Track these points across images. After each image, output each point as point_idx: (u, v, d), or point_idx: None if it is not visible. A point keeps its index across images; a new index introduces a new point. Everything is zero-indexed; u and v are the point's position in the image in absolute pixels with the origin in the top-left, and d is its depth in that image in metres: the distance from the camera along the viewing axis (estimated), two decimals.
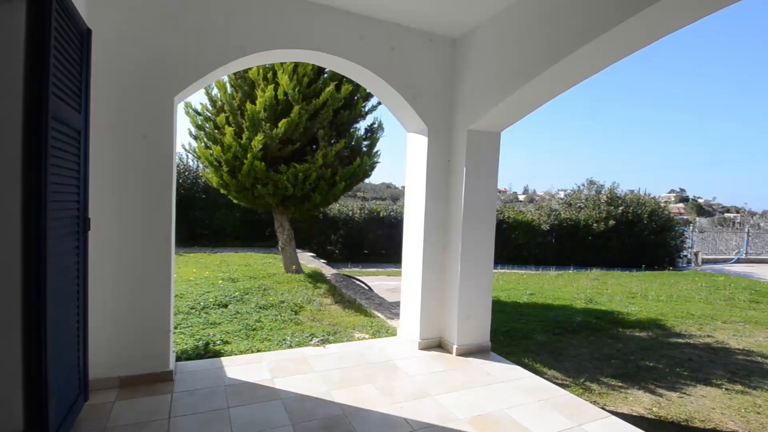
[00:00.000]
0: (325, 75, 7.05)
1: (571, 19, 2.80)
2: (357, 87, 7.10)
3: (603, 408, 3.75)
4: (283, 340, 4.56)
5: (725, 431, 3.52)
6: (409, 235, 4.33)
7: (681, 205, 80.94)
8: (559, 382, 4.35)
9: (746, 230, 19.63)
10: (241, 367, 3.66)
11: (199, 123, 7.31)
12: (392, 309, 5.89)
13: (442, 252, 4.19)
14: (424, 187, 4.08)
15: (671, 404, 3.97)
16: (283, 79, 6.55)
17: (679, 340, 5.93)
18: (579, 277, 11.08)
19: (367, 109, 7.74)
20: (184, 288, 6.61)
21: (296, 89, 6.57)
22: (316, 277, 7.77)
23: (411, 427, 2.81)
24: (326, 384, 3.41)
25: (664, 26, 2.47)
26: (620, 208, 13.93)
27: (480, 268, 4.10)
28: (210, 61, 3.28)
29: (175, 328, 4.75)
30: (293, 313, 5.65)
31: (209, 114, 7.35)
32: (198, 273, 8.10)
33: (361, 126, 9.22)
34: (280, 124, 6.48)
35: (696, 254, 15.79)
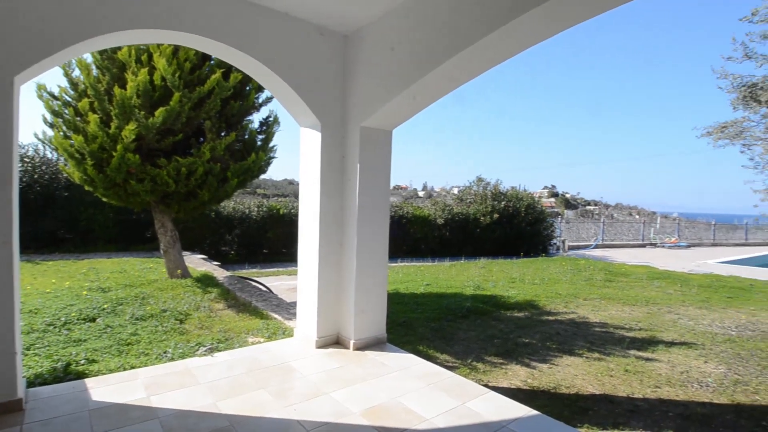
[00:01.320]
0: (212, 62, 6.52)
1: (458, 21, 2.93)
2: (249, 76, 6.71)
3: (486, 385, 4.07)
4: (164, 353, 4.12)
5: (585, 394, 4.07)
6: (305, 233, 4.22)
7: (552, 199, 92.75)
8: (450, 364, 4.63)
9: (602, 220, 23.19)
10: (110, 388, 3.21)
11: (56, 109, 6.24)
12: (290, 309, 5.71)
13: (338, 248, 4.16)
14: (318, 183, 4.00)
15: (543, 375, 4.47)
16: (160, 62, 5.89)
17: (549, 318, 6.74)
18: (469, 267, 11.99)
19: (261, 100, 7.36)
20: (39, 302, 5.61)
21: (176, 75, 5.96)
22: (206, 281, 7.19)
23: (304, 428, 2.73)
24: (213, 395, 3.15)
25: (555, 23, 2.58)
26: (503, 203, 15.47)
27: (375, 262, 4.16)
28: (62, 37, 2.78)
29: (27, 349, 4.01)
30: (178, 322, 5.14)
31: (69, 99, 6.32)
32: (58, 283, 6.94)
33: (255, 119, 8.77)
34: (157, 113, 5.82)
35: (563, 242, 18.21)
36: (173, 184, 6.17)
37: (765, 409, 3.80)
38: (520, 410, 2.94)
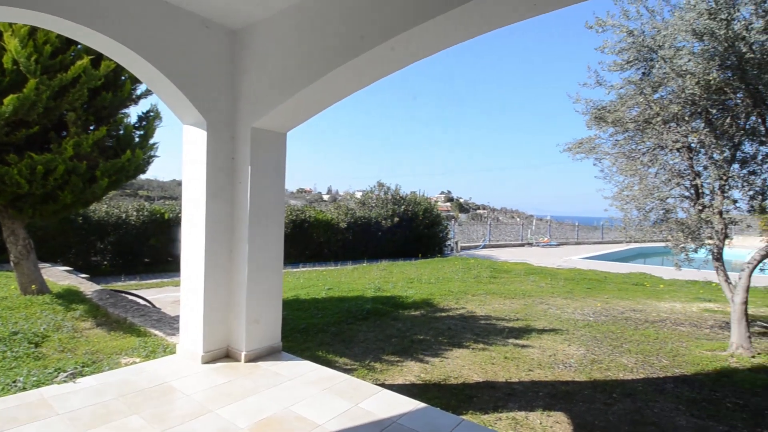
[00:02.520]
0: (79, 46, 5.69)
1: (356, 26, 2.94)
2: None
3: (382, 384, 4.17)
4: (14, 382, 3.46)
5: (470, 382, 4.39)
6: (189, 239, 3.88)
7: (448, 204, 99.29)
8: (348, 367, 4.65)
9: (489, 223, 25.46)
10: None
11: None
12: (174, 324, 5.21)
13: (227, 255, 3.91)
14: (204, 185, 3.72)
15: (434, 368, 4.73)
16: (12, 43, 4.97)
17: (442, 314, 7.18)
18: (371, 269, 12.23)
19: (139, 92, 6.62)
20: None
21: (33, 58, 5.08)
22: (70, 297, 6.23)
23: None
24: (74, 427, 2.72)
25: (454, 32, 2.63)
26: (403, 207, 16.12)
27: (269, 269, 4.00)
28: None
29: None
30: (32, 345, 4.36)
31: None
32: None
33: (133, 112, 7.86)
34: (6, 101, 4.89)
35: (456, 243, 19.61)
36: (26, 185, 5.23)
37: (615, 383, 4.49)
38: (410, 404, 3.06)
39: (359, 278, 10.57)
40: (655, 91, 5.38)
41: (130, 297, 6.94)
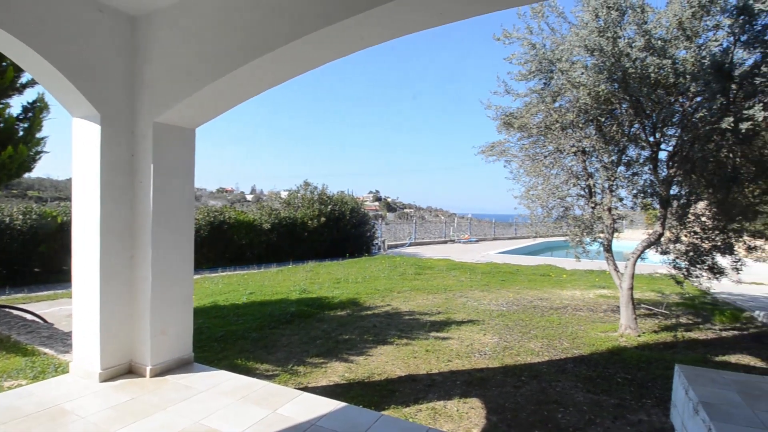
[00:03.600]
0: None
1: (275, 16, 2.81)
2: None
3: (305, 387, 4.11)
4: None
5: (393, 378, 4.49)
6: (81, 245, 3.48)
7: (376, 203, 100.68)
8: (270, 373, 4.51)
9: (414, 221, 26.23)
10: None
11: None
12: (67, 340, 4.66)
13: (128, 262, 3.57)
14: (98, 185, 3.35)
15: (359, 367, 4.76)
16: None
17: (368, 312, 7.25)
18: (297, 271, 11.97)
19: (24, 81, 5.85)
20: None
21: None
22: None
23: None
24: None
25: (367, 35, 2.63)
26: (330, 207, 15.98)
27: (178, 275, 3.73)
28: None
29: None
30: None
31: None
32: None
33: (16, 102, 6.89)
34: None
35: (384, 242, 19.93)
36: None
37: (524, 367, 4.86)
38: (330, 405, 3.05)
39: (284, 281, 10.29)
40: (554, 100, 5.92)
41: (16, 312, 6.07)
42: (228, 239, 13.47)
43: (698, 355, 5.29)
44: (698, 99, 4.98)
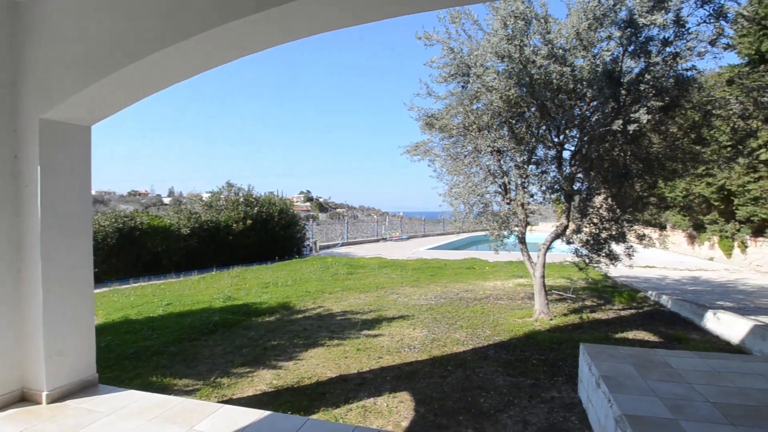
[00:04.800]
0: None
1: (182, 6, 2.61)
2: None
3: (228, 400, 3.92)
4: None
5: (324, 380, 4.43)
6: None
7: (308, 203, 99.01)
8: (190, 389, 4.23)
9: (346, 221, 26.19)
10: None
11: None
12: None
13: (13, 278, 3.13)
14: None
15: (288, 372, 4.64)
16: None
17: (299, 316, 7.09)
18: (221, 277, 11.36)
19: None
20: None
21: None
22: None
23: None
24: None
25: (279, 31, 2.54)
26: (256, 209, 15.34)
27: (74, 290, 3.34)
28: None
29: None
30: None
31: None
32: None
33: None
34: None
35: (315, 243, 19.63)
36: None
37: (450, 357, 5.06)
38: (253, 416, 2.93)
39: (206, 289, 9.70)
40: (472, 103, 6.25)
41: None
42: (141, 247, 12.39)
43: (601, 333, 5.90)
44: (594, 103, 5.54)
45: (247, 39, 2.61)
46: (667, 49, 5.02)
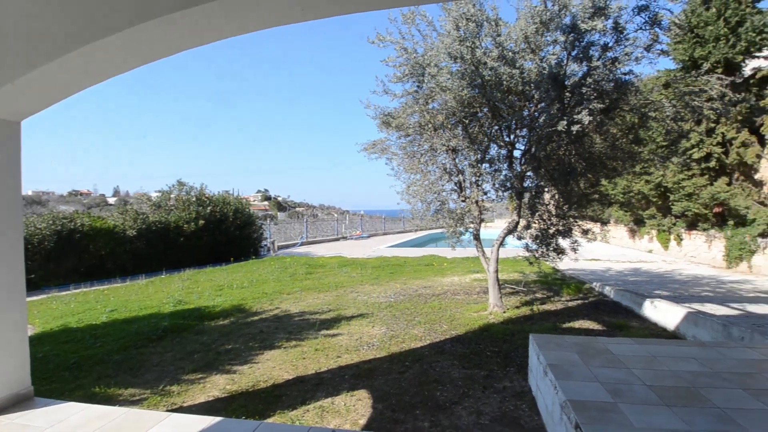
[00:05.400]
0: None
1: (106, 5, 2.45)
2: None
3: (178, 408, 3.76)
4: None
5: (280, 382, 4.35)
6: None
7: (266, 203, 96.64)
8: (136, 398, 4.02)
9: (305, 220, 25.81)
10: None
11: None
12: None
13: None
14: None
15: (243, 377, 4.51)
16: None
17: (255, 318, 6.91)
18: (171, 281, 10.86)
19: None
20: None
21: None
22: None
23: None
24: None
25: (224, 25, 2.45)
26: (209, 208, 14.76)
27: (4, 296, 3.08)
28: None
29: None
30: None
31: None
32: None
33: None
34: None
35: (273, 243, 19.20)
36: None
37: (408, 353, 5.11)
38: (203, 422, 2.83)
39: (155, 293, 9.24)
40: (427, 102, 6.34)
41: None
42: (82, 250, 11.60)
43: (550, 324, 6.18)
44: (542, 105, 5.79)
45: (192, 30, 2.49)
46: (607, 54, 5.33)
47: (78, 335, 6.03)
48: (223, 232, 15.25)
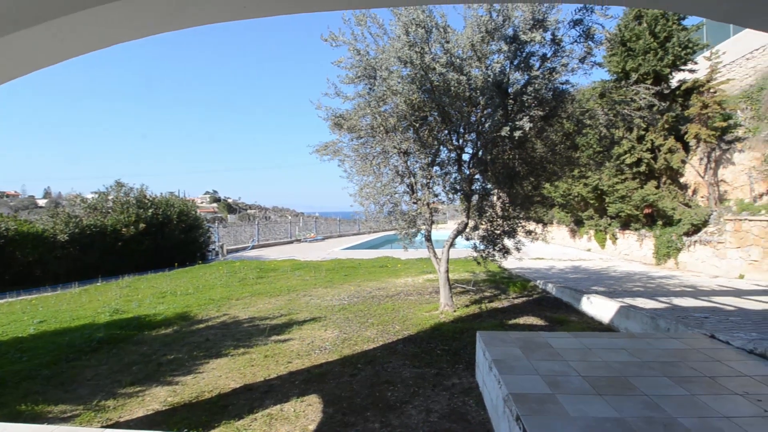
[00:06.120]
0: None
1: None
2: None
3: (113, 424, 3.54)
4: None
5: (227, 392, 4.20)
6: None
7: (215, 204, 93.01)
8: (68, 415, 3.73)
9: (257, 222, 25.10)
10: None
11: None
12: None
13: None
14: None
15: (186, 388, 4.31)
16: None
17: (201, 326, 6.63)
18: (108, 289, 10.15)
19: None
20: None
21: None
22: None
23: None
24: None
25: (163, 20, 2.36)
26: (150, 211, 13.93)
27: None
28: None
29: None
30: None
31: None
32: None
33: None
34: None
35: (222, 246, 18.50)
36: None
37: (360, 355, 5.11)
38: None
39: (89, 302, 8.60)
40: (379, 105, 6.38)
41: None
42: (7, 257, 10.57)
43: (497, 321, 6.42)
44: (487, 111, 6.01)
45: (126, 24, 2.36)
46: (546, 64, 5.64)
47: (2, 349, 5.51)
48: (167, 236, 14.47)
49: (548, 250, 17.32)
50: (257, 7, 2.12)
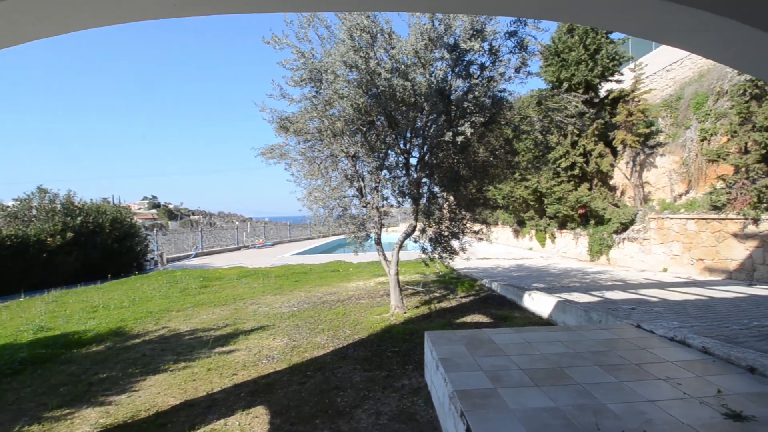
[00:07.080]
0: None
1: None
2: None
3: None
4: None
5: (166, 409, 3.97)
6: None
7: (154, 210, 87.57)
8: None
9: (200, 229, 23.98)
10: None
11: None
12: None
13: None
14: None
15: (120, 408, 4.02)
16: None
17: (137, 341, 6.21)
18: (32, 304, 9.25)
19: None
20: None
21: None
22: None
23: None
24: None
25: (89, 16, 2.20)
26: (79, 219, 12.83)
27: None
28: None
29: None
30: None
31: None
32: None
33: None
34: None
35: (161, 255, 17.47)
36: None
37: (310, 362, 5.02)
38: None
39: (10, 320, 7.79)
40: (326, 109, 6.35)
41: None
42: None
43: (445, 320, 6.58)
44: (432, 116, 6.17)
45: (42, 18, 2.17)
46: (485, 72, 5.90)
47: None
48: (98, 246, 13.41)
49: (494, 249, 18.02)
50: (187, 8, 2.04)
